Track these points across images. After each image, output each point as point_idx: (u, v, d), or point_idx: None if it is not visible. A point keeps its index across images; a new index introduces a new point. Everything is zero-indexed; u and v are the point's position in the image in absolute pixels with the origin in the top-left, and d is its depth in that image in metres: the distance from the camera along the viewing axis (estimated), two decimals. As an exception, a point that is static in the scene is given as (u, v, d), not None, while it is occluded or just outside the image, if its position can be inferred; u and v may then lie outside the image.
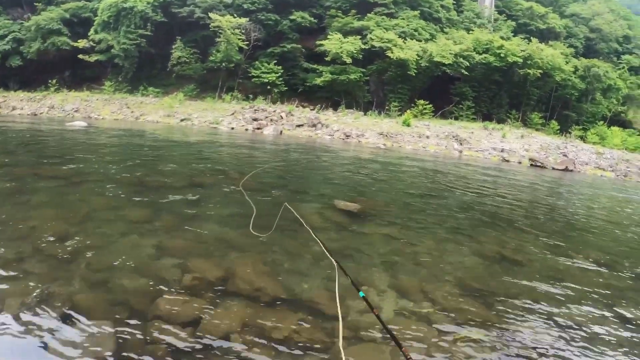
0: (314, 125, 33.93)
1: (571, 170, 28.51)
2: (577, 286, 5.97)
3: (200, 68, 45.03)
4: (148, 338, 3.74)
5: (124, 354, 3.52)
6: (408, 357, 1.47)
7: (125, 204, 7.71)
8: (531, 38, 49.92)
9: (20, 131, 21.00)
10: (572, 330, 4.67)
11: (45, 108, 39.21)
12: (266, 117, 35.07)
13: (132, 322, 3.95)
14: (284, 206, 7.59)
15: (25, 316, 3.82)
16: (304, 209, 8.44)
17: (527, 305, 5.16)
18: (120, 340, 3.65)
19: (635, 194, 20.99)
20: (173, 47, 44.57)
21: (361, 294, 1.77)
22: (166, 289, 4.58)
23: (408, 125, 35.98)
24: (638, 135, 48.14)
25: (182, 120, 35.65)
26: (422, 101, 42.20)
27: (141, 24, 44.85)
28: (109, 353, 3.49)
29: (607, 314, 5.23)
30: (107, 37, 45.46)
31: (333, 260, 4.19)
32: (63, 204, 7.38)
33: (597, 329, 4.81)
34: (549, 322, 4.81)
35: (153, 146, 17.98)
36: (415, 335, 4.25)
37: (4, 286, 4.33)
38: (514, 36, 51.07)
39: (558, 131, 44.11)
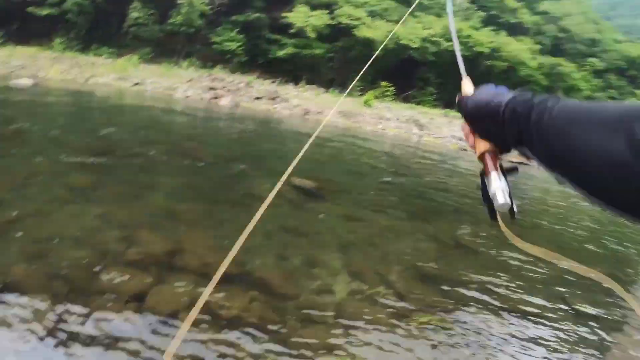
0: (273, 99, 32.92)
1: (527, 165, 28.31)
2: (529, 276, 6.14)
3: (158, 31, 42.90)
4: (89, 314, 3.57)
5: (63, 331, 3.34)
6: (462, 71, 1.31)
7: (68, 170, 7.48)
8: (500, 31, 49.72)
9: None
10: (520, 320, 4.76)
11: (-13, 63, 36.51)
12: (224, 87, 33.80)
13: (73, 297, 3.79)
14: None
15: None
16: (259, 184, 8.56)
17: (479, 293, 5.23)
18: (59, 317, 3.49)
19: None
20: (130, 6, 42.32)
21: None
22: (110, 262, 4.44)
23: (369, 106, 35.52)
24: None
25: (135, 84, 33.81)
26: (385, 82, 41.69)
27: (98, -21, 42.18)
28: (47, 330, 3.31)
29: (556, 306, 5.36)
30: (60, -11, 42.73)
31: None
32: (1, 167, 7.21)
33: (545, 320, 4.89)
34: (499, 309, 4.90)
35: (103, 110, 17.43)
36: (367, 318, 4.19)
37: None
38: (483, 27, 50.76)
39: (518, 126, 44.05)
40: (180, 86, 34.01)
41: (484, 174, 1.02)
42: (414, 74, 44.10)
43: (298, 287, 4.61)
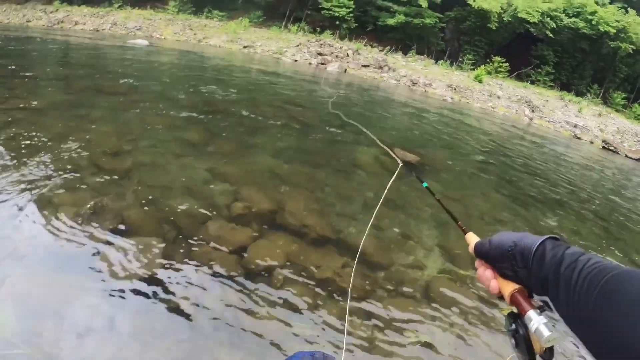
0: (381, 68, 32.28)
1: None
2: None
3: (269, -5, 43.18)
4: (194, 260, 3.81)
5: (170, 272, 3.60)
6: (463, 228, 1.30)
7: (182, 126, 7.90)
8: (629, 9, 45.48)
9: (82, 46, 21.16)
10: None
11: (107, 24, 38.66)
12: (332, 53, 33.68)
13: (180, 241, 4.05)
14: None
15: (78, 226, 3.94)
16: (361, 153, 8.60)
17: None
18: (168, 258, 3.75)
19: None
20: (243, -31, 42.76)
21: (424, 184, 1.87)
22: (216, 214, 4.67)
23: (480, 81, 33.87)
24: None
25: (245, 47, 34.65)
26: (498, 58, 39.52)
27: (212, -57, 43.10)
28: (155, 270, 3.57)
29: None
30: (175, -47, 44.14)
31: (399, 161, 3.54)
32: (120, 121, 7.50)
33: None
34: None
35: (214, 71, 17.94)
36: (454, 300, 4.19)
37: (60, 196, 4.44)
38: (610, 3, 46.64)
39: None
40: (289, 50, 34.24)
41: (519, 314, 1.00)
42: (530, 51, 41.36)
43: (391, 258, 4.61)
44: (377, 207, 3.50)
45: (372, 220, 3.33)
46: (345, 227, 5.02)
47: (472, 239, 1.30)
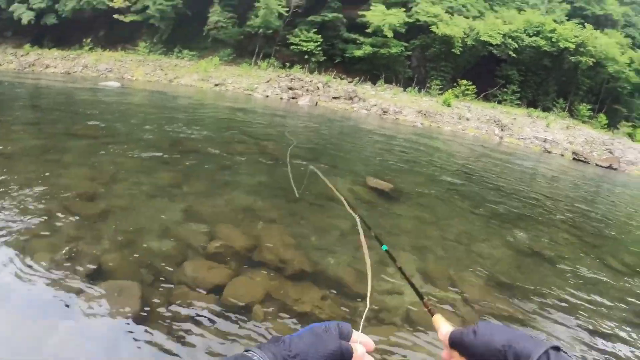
0: (351, 99, 32.85)
1: (615, 169, 26.75)
2: (607, 290, 5.80)
3: (237, 33, 44.01)
4: (172, 301, 3.78)
5: (148, 315, 3.55)
6: (429, 308, 1.18)
7: (155, 167, 7.91)
8: (586, 24, 47.08)
9: (54, 90, 21.11)
10: (596, 336, 4.52)
11: (79, 67, 38.90)
12: (302, 87, 34.23)
13: (158, 284, 4.02)
14: (309, 170, 7.00)
15: (54, 272, 3.89)
16: (335, 184, 7.95)
17: (553, 305, 5.01)
18: (145, 302, 3.69)
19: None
20: (210, 10, 43.61)
21: (384, 247, 1.65)
22: (192, 254, 4.68)
23: (449, 105, 34.68)
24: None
25: (216, 85, 35.05)
26: (464, 81, 40.62)
27: (178, -16, 43.76)
28: (133, 313, 3.51)
29: (636, 324, 4.98)
30: (143, -4, 44.61)
31: (355, 215, 3.55)
32: (93, 164, 7.50)
33: (622, 337, 4.60)
34: (573, 324, 4.67)
35: (186, 110, 18.00)
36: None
37: (34, 242, 4.36)
38: (567, 20, 48.28)
39: (606, 126, 41.53)
40: (260, 86, 34.66)
41: None
42: (494, 72, 42.63)
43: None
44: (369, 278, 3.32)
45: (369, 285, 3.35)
46: (322, 259, 5.03)
47: (441, 323, 1.19)
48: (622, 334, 4.65)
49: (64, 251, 4.18)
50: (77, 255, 4.18)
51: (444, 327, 1.17)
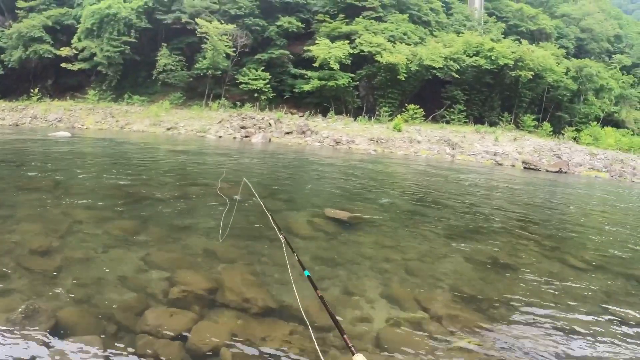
0: (303, 132, 33.38)
1: (565, 172, 28.25)
2: (571, 289, 6.00)
3: (186, 75, 44.16)
4: (136, 353, 3.68)
5: None
6: (349, 345, 1.29)
7: (110, 216, 7.73)
8: (522, 40, 49.44)
9: (1, 143, 20.59)
10: (567, 335, 4.63)
11: (27, 118, 38.36)
12: (254, 125, 34.55)
13: (120, 336, 3.94)
14: (243, 182, 7.41)
15: (11, 333, 3.77)
16: (293, 218, 8.64)
17: (521, 311, 5.13)
18: (109, 356, 3.61)
19: (630, 195, 21.03)
20: (158, 54, 43.71)
21: (306, 273, 2.06)
22: (153, 302, 4.60)
23: (399, 130, 35.55)
24: (632, 135, 47.57)
25: (168, 129, 35.01)
26: (412, 105, 41.67)
27: (125, 31, 43.90)
28: None
29: (602, 316, 5.19)
30: (90, 44, 44.43)
31: (280, 234, 4.10)
32: (46, 218, 7.31)
33: (592, 331, 4.76)
34: (543, 326, 4.76)
35: (139, 156, 17.77)
36: (407, 345, 4.18)
37: None
38: (504, 38, 50.67)
39: (551, 133, 43.45)
40: (212, 127, 34.88)
41: None
42: (440, 94, 43.95)
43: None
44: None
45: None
46: (286, 293, 4.96)
47: None
48: (593, 330, 4.77)
49: (20, 309, 4.02)
50: (34, 313, 4.02)
51: None
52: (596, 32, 62.39)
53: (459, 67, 41.58)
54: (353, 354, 1.33)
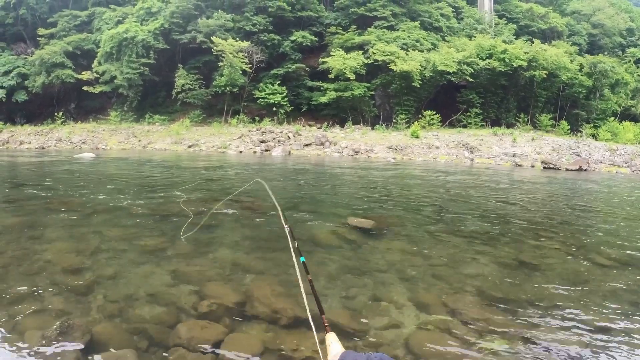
0: (322, 144, 33.80)
1: (585, 170, 27.92)
2: (599, 287, 5.91)
3: (204, 94, 44.93)
4: None
5: None
6: (325, 324, 1.50)
7: (138, 233, 7.84)
8: (534, 39, 49.22)
9: (30, 165, 21.15)
10: (597, 333, 4.56)
11: (52, 141, 39.47)
12: (274, 139, 35.10)
13: (153, 350, 4.01)
14: (254, 180, 7.43)
15: (46, 349, 3.83)
16: (318, 229, 8.60)
17: (549, 311, 5.07)
18: None
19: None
20: (176, 74, 44.59)
21: (302, 259, 2.13)
22: (184, 315, 4.66)
23: (417, 137, 35.76)
24: (650, 128, 46.70)
25: (189, 146, 35.66)
26: (429, 111, 41.84)
27: (143, 53, 44.98)
28: None
29: (633, 314, 5.08)
30: (110, 67, 45.68)
31: (286, 226, 4.03)
32: (76, 237, 7.45)
33: (625, 330, 4.66)
34: (572, 326, 4.71)
35: (162, 174, 18.05)
36: (436, 349, 4.16)
37: (23, 320, 4.37)
38: (516, 39, 50.55)
39: (569, 131, 43.25)
40: (232, 142, 35.43)
41: None
42: (455, 98, 43.93)
43: (366, 324, 4.59)
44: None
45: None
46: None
47: (334, 342, 1.39)
48: (625, 328, 4.67)
49: (54, 326, 4.08)
50: (69, 329, 4.08)
51: (336, 346, 1.42)
52: (608, 26, 61.66)
53: (472, 71, 41.56)
54: (327, 332, 1.56)
